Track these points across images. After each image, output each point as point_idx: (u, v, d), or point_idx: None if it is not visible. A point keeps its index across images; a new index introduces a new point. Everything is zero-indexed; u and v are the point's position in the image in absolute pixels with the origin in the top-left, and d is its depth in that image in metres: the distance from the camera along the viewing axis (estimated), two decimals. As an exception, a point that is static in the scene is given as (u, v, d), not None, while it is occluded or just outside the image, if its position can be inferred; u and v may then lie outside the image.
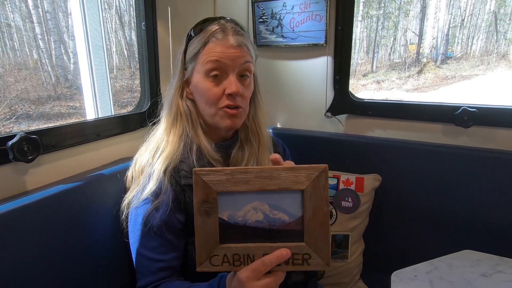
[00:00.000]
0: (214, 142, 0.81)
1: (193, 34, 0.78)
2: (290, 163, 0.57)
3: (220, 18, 0.78)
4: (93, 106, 1.19)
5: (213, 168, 0.52)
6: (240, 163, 0.80)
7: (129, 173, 0.83)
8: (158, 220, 0.71)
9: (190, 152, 0.76)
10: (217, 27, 0.74)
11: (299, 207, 0.53)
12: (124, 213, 0.80)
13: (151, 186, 0.72)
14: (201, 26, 0.77)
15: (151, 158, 0.77)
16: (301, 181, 0.52)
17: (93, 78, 1.18)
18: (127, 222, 0.78)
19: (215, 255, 0.53)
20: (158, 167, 0.74)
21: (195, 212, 0.52)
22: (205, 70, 0.74)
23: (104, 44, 1.21)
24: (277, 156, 0.57)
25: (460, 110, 1.11)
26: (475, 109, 1.09)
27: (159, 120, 0.84)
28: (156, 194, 0.72)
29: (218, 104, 0.75)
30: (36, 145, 0.81)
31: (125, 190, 0.83)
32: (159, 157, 0.76)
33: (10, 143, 0.76)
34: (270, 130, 1.39)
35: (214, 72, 0.73)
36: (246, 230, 0.53)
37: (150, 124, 0.87)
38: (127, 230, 0.78)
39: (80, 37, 1.16)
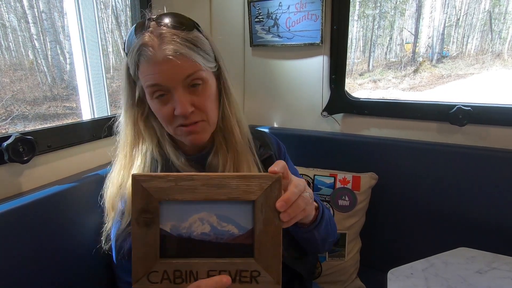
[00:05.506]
0: (190, 154, 0.74)
1: (126, 51, 0.67)
2: (279, 163, 0.51)
3: (150, 20, 0.64)
4: (89, 107, 1.18)
5: (154, 174, 0.46)
6: (216, 170, 0.72)
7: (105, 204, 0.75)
8: (129, 244, 0.65)
9: (156, 171, 0.69)
10: (145, 40, 0.61)
11: (249, 219, 0.49)
12: (104, 248, 0.74)
13: (126, 218, 0.66)
14: (130, 38, 0.65)
15: (119, 185, 0.70)
16: (253, 191, 0.47)
17: (88, 78, 1.17)
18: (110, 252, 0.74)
19: (154, 271, 0.48)
20: (128, 192, 0.67)
21: (133, 222, 0.47)
22: (147, 93, 0.66)
23: (100, 44, 1.21)
24: (276, 168, 0.49)
25: (455, 109, 1.12)
26: (469, 108, 1.10)
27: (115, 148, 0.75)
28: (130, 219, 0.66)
29: (173, 123, 0.67)
30: (31, 146, 0.80)
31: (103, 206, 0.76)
32: (126, 181, 0.69)
33: (5, 144, 0.76)
34: (265, 130, 1.39)
35: (157, 94, 0.64)
36: (190, 244, 0.48)
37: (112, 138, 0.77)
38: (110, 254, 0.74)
39: (75, 37, 1.15)
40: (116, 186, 0.70)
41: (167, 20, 0.63)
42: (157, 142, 0.72)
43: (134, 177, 0.46)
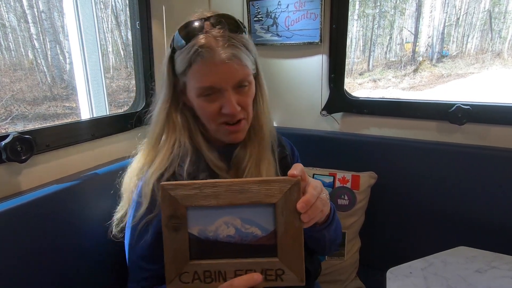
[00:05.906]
0: (218, 146, 0.76)
1: (176, 47, 0.68)
2: (297, 167, 0.53)
3: (206, 20, 0.66)
4: (88, 106, 1.18)
5: (180, 182, 0.51)
6: (241, 162, 0.75)
7: (122, 187, 0.76)
8: (152, 233, 0.67)
9: (184, 161, 0.70)
10: (202, 41, 0.63)
11: (271, 221, 0.51)
12: (114, 230, 0.75)
13: (145, 205, 0.67)
14: (184, 37, 0.66)
15: (140, 175, 0.72)
16: (273, 194, 0.50)
17: (87, 78, 1.17)
18: (120, 237, 0.75)
19: (185, 272, 0.51)
20: (150, 181, 0.68)
21: (163, 227, 0.51)
22: (195, 91, 0.68)
23: (99, 43, 1.20)
24: (295, 172, 0.52)
25: (454, 108, 1.12)
26: (469, 107, 1.10)
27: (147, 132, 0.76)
28: (151, 207, 0.68)
29: (217, 120, 0.69)
30: (30, 145, 0.80)
31: (119, 196, 0.78)
32: (148, 170, 0.71)
33: (3, 143, 0.75)
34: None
35: (207, 92, 0.67)
36: (217, 246, 0.51)
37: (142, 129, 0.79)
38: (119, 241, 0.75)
39: (74, 37, 1.15)
40: (136, 175, 0.72)
41: (222, 22, 0.66)
42: (188, 134, 0.74)
43: (163, 186, 0.50)
